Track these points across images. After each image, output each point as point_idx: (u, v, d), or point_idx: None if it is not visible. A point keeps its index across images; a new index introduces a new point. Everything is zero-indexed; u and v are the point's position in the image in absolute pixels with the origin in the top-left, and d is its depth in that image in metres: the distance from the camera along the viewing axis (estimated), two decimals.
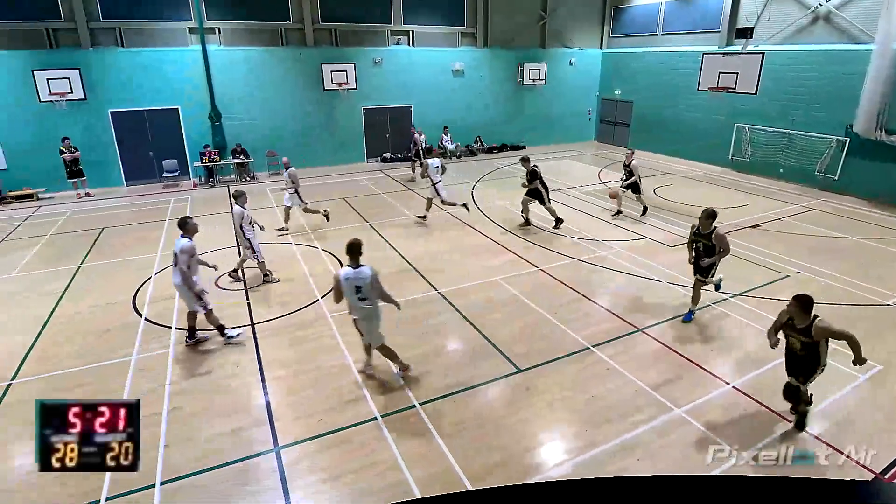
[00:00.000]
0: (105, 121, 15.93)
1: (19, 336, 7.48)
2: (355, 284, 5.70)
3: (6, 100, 14.80)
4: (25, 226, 12.87)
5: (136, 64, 15.90)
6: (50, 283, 9.30)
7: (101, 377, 6.45)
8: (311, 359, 6.77)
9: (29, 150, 15.22)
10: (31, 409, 4.85)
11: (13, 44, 14.83)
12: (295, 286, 8.93)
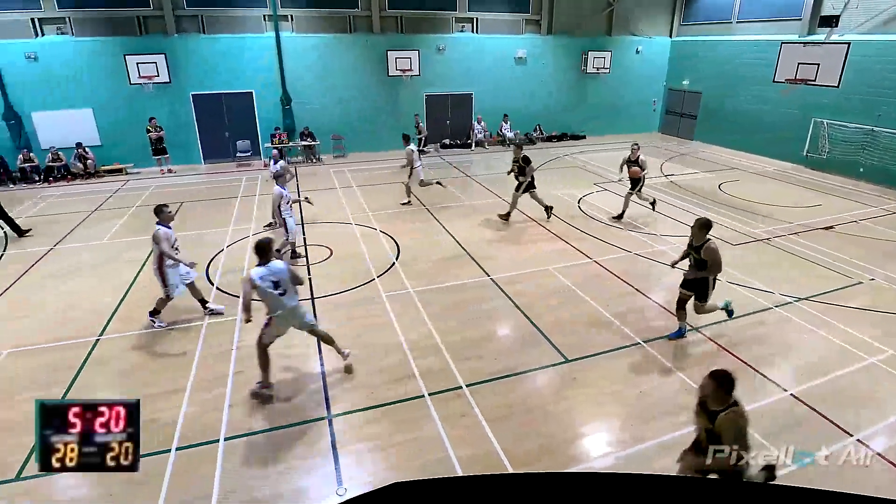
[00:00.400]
0: (187, 103, 16.83)
1: (108, 297, 8.14)
2: (272, 280, 5.39)
3: (102, 82, 15.92)
4: (115, 198, 13.89)
5: (215, 50, 16.65)
6: (134, 250, 10.01)
7: (175, 339, 6.92)
8: (365, 334, 6.96)
9: (120, 128, 16.34)
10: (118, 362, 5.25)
11: (108, 30, 15.88)
12: (353, 265, 9.18)
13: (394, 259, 9.38)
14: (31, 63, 15.43)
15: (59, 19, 15.63)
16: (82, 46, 15.72)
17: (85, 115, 16.11)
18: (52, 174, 15.71)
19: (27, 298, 8.21)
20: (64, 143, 15.89)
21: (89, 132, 16.24)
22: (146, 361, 6.49)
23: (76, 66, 15.74)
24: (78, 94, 15.90)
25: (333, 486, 4.62)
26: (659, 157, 18.09)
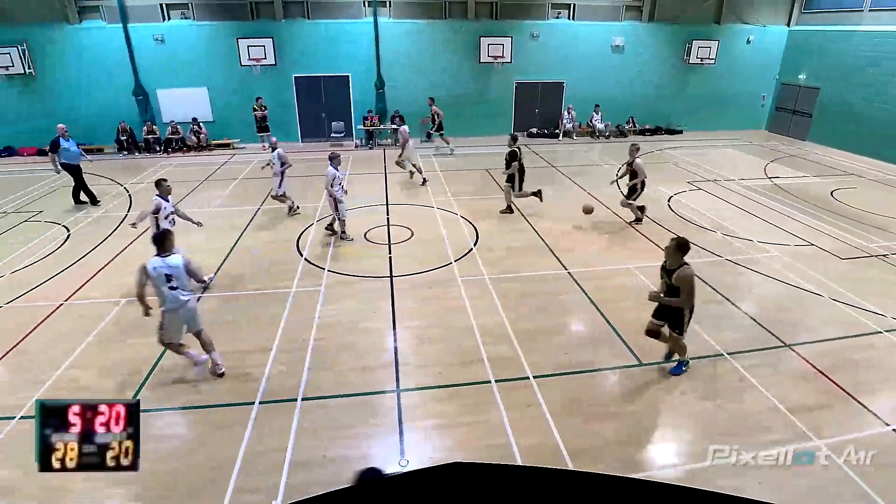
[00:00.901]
0: (289, 84, 17.79)
1: (213, 259, 8.91)
2: (165, 273, 5.36)
3: (217, 64, 17.23)
4: (223, 169, 15.07)
5: (317, 34, 17.41)
6: (237, 217, 10.86)
7: (265, 302, 7.45)
8: (439, 315, 7.10)
9: (230, 106, 17.64)
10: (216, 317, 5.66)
11: (224, 15, 17.12)
12: (433, 247, 9.35)
13: (472, 245, 9.44)
14: (158, 45, 17.01)
15: (183, 5, 17.05)
16: (201, 30, 17.08)
17: (201, 93, 17.54)
18: (170, 146, 17.32)
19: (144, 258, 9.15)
20: (182, 118, 17.45)
21: (204, 109, 17.68)
22: (240, 320, 7.05)
23: (196, 49, 17.14)
24: (196, 74, 17.34)
25: (397, 456, 4.80)
26: (764, 158, 16.65)
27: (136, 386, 5.75)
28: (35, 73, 17.00)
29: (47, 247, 9.59)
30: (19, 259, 9.10)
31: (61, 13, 16.72)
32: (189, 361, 5.89)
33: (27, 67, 16.75)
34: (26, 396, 5.56)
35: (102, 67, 17.04)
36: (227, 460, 4.74)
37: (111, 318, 7.16)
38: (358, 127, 18.26)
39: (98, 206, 11.80)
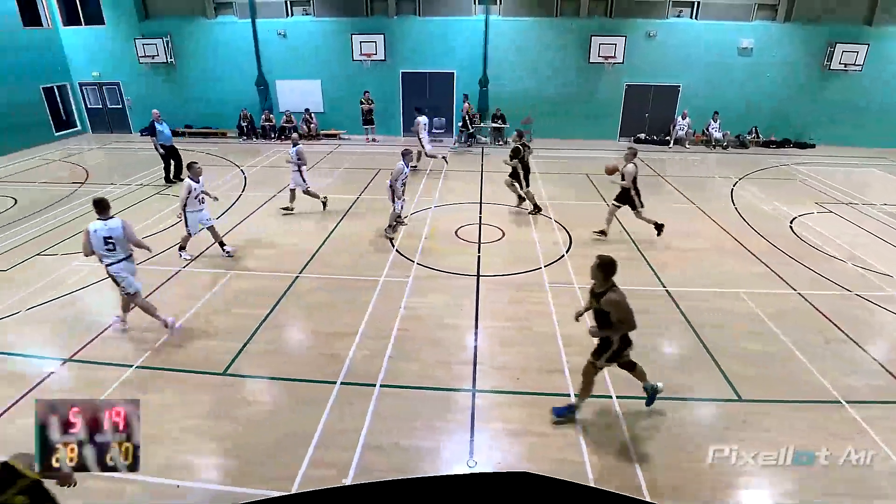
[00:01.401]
0: (396, 79, 18.46)
1: (312, 242, 9.50)
2: (104, 236, 6.04)
3: (331, 58, 18.32)
4: (328, 158, 16.00)
5: (426, 31, 17.88)
6: (338, 204, 11.50)
7: (355, 289, 7.81)
8: (523, 319, 7.03)
9: (340, 99, 18.68)
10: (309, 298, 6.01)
11: (341, 11, 18.14)
12: (522, 249, 9.26)
13: (564, 251, 9.23)
14: (280, 39, 18.43)
15: (305, 1, 18.31)
16: (320, 25, 18.23)
17: (315, 85, 18.75)
18: (283, 133, 18.70)
19: (250, 235, 9.99)
20: (296, 108, 18.77)
21: (316, 100, 18.89)
22: (331, 302, 7.46)
23: (313, 43, 18.35)
24: (311, 67, 18.56)
25: (465, 456, 4.83)
26: None
27: (233, 353, 6.29)
28: (175, 63, 19.14)
29: (171, 219, 10.75)
30: (150, 227, 10.31)
31: (201, 9, 18.65)
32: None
33: (169, 57, 18.92)
34: (144, 349, 6.31)
35: (231, 59, 18.82)
36: (305, 433, 5.04)
37: (219, 288, 7.88)
38: (458, 124, 18.52)
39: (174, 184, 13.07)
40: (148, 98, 19.79)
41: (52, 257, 9.16)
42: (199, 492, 4.47)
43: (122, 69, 19.61)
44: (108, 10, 18.96)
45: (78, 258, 8.95)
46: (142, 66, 19.24)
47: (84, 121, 20.62)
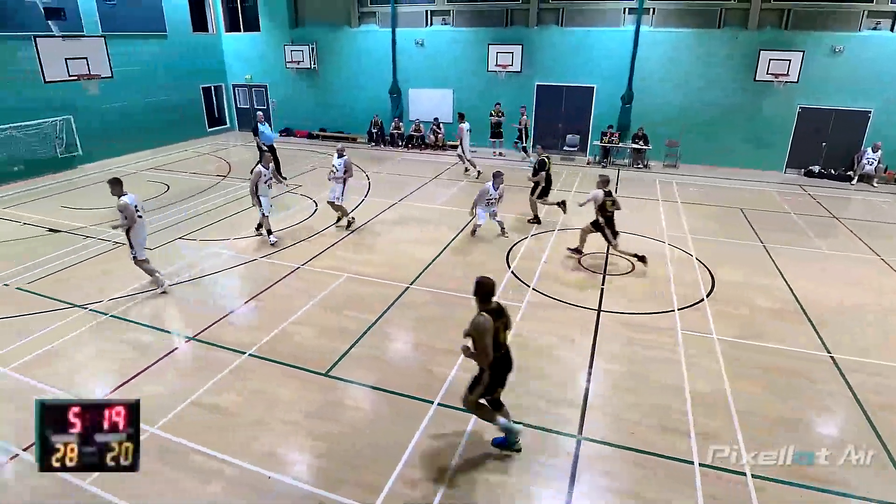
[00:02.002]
0: (530, 92, 18.60)
1: (427, 253, 9.87)
2: (135, 205, 7.87)
3: (466, 68, 19.01)
4: (452, 170, 16.51)
5: (567, 42, 17.83)
6: (456, 218, 11.79)
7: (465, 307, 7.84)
8: (644, 365, 6.62)
9: (470, 110, 19.19)
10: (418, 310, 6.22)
11: (479, 21, 18.80)
12: (654, 287, 8.76)
13: (704, 294, 8.55)
14: (418, 48, 19.54)
15: (445, 11, 19.25)
16: (457, 35, 19.03)
17: (445, 95, 19.54)
18: (411, 142, 19.72)
19: (367, 240, 10.61)
20: (425, 116, 19.71)
21: (445, 110, 19.67)
22: (439, 317, 7.64)
23: (449, 53, 19.19)
24: (445, 77, 19.41)
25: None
26: None
27: (338, 353, 6.69)
28: (318, 69, 21.15)
29: (297, 216, 11.79)
30: (285, 220, 11.45)
31: (346, 18, 20.46)
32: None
33: (313, 63, 20.97)
34: (257, 338, 6.96)
35: (369, 66, 20.34)
36: (397, 448, 5.19)
37: (332, 289, 8.46)
38: (594, 142, 18.12)
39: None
40: (290, 101, 22.13)
41: (192, 242, 10.54)
42: (287, 487, 4.79)
43: (271, 73, 22.12)
44: (264, 18, 21.59)
45: (213, 245, 10.18)
46: (288, 71, 21.53)
47: (233, 119, 23.51)
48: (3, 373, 6.38)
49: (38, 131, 15.61)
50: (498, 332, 4.76)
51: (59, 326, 7.44)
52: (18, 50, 14.83)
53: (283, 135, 22.43)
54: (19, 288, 8.65)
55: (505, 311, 4.89)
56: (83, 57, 14.52)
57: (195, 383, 6.17)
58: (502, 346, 4.89)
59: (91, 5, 17.01)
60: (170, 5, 19.87)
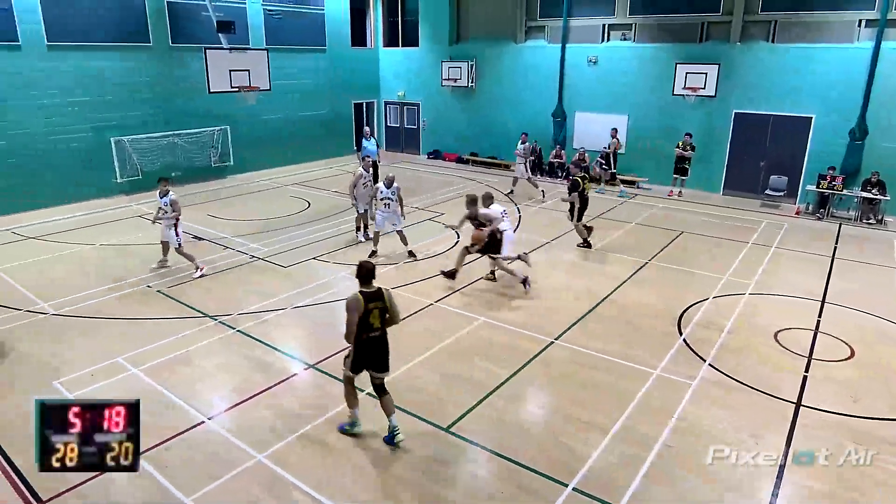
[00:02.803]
0: (726, 121, 17.56)
1: (580, 305, 9.63)
2: (160, 206, 10.37)
3: (645, 90, 18.58)
4: (620, 209, 16.07)
5: (778, 61, 16.61)
6: (617, 265, 11.42)
7: (619, 375, 7.51)
8: (861, 488, 5.68)
9: (646, 139, 18.68)
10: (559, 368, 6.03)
11: (667, 37, 18.37)
12: (882, 384, 7.58)
13: None
14: (589, 67, 19.56)
15: (626, 25, 19.10)
16: (638, 52, 18.74)
17: (619, 121, 19.17)
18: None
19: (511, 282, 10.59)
20: (591, 145, 19.44)
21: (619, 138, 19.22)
22: (586, 383, 7.34)
23: (626, 72, 18.93)
24: (619, 100, 19.13)
25: None
26: None
27: (463, 408, 6.69)
28: (474, 87, 22.11)
29: (436, 247, 12.21)
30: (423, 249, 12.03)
31: (512, 32, 21.23)
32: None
33: (470, 81, 22.00)
34: None
35: (532, 86, 20.83)
36: None
37: (465, 333, 8.55)
38: (808, 188, 16.47)
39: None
40: (442, 121, 23.40)
41: (326, 263, 11.45)
42: None
43: (425, 90, 23.63)
44: (424, 32, 23.29)
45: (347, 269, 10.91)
46: (443, 89, 22.81)
47: (381, 137, 25.34)
48: (135, 374, 7.42)
49: (196, 140, 18.24)
50: (370, 314, 5.80)
51: (190, 334, 8.49)
52: (191, 60, 17.59)
53: (431, 157, 23.67)
54: (160, 291, 10.06)
55: (385, 296, 5.88)
56: (246, 69, 16.68)
57: (309, 415, 6.57)
58: (375, 328, 5.89)
59: (259, 19, 19.69)
60: (332, 19, 22.29)
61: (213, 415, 6.62)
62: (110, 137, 16.58)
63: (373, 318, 5.85)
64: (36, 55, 15.08)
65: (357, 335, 5.79)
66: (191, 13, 17.94)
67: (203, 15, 17.62)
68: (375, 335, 5.92)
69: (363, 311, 5.73)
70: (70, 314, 9.14)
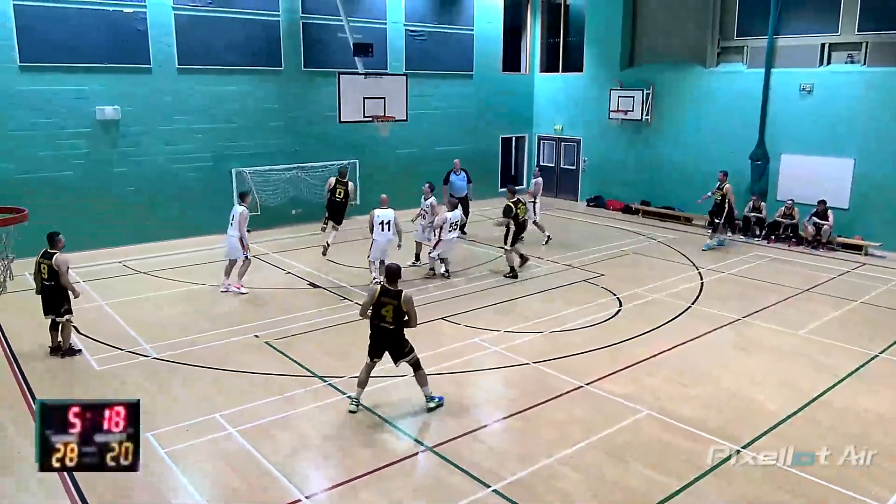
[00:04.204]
0: None
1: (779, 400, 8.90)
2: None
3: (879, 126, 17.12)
4: (838, 281, 14.75)
5: None
6: (833, 357, 10.39)
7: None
8: None
9: (878, 190, 17.11)
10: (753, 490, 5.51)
11: None
12: None
13: None
14: (803, 96, 18.42)
15: (853, 45, 17.84)
16: (871, 78, 17.35)
17: (842, 166, 17.78)
18: (775, 231, 18.30)
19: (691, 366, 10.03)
20: (803, 197, 18.14)
21: (839, 189, 17.81)
22: None
23: (853, 105, 17.55)
24: (841, 140, 17.74)
25: None
26: None
27: None
28: (650, 121, 21.68)
29: (593, 315, 11.86)
30: (566, 319, 11.81)
31: (700, 54, 20.70)
32: None
33: (646, 113, 21.63)
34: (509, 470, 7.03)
35: (725, 120, 20.04)
36: None
37: (624, 426, 8.11)
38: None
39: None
40: (607, 161, 23.18)
41: (456, 326, 11.51)
42: None
43: (587, 125, 23.63)
44: (590, 55, 23.45)
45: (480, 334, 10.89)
46: (610, 122, 22.61)
47: (531, 179, 25.43)
48: (231, 434, 7.81)
49: (322, 174, 19.33)
50: (382, 305, 7.93)
51: (295, 395, 8.84)
52: (323, 86, 18.94)
53: (591, 205, 23.37)
54: (268, 343, 10.61)
55: (401, 299, 7.85)
56: (381, 97, 17.61)
57: None
58: (386, 321, 7.95)
59: (400, 42, 20.86)
60: (483, 41, 23.10)
61: (310, 493, 6.74)
62: (231, 168, 18.17)
63: (385, 311, 7.93)
64: (166, 78, 17.04)
65: (371, 320, 8.08)
66: (327, 35, 19.45)
67: (339, 36, 18.97)
68: (387, 327, 7.99)
69: (374, 301, 7.96)
70: (172, 359, 9.89)
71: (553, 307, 12.59)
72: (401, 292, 7.90)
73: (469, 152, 22.73)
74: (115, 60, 16.22)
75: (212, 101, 17.86)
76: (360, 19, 19.67)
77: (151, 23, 16.56)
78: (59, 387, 9.05)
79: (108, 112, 16.03)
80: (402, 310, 7.86)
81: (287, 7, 18.76)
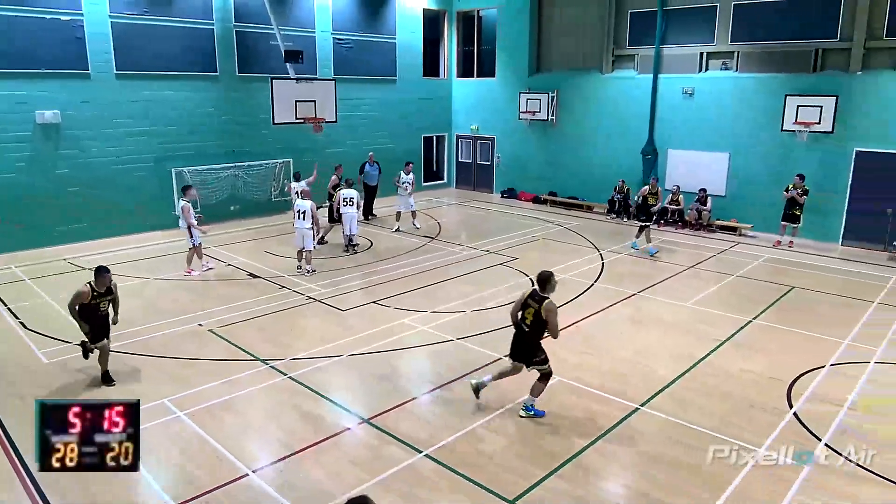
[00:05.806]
0: (845, 161, 16.74)
1: (670, 366, 9.24)
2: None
3: (750, 125, 18.06)
4: (716, 259, 15.48)
5: None
6: (715, 325, 10.89)
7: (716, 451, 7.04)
8: None
9: (751, 180, 18.06)
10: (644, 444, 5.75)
11: (774, 66, 17.90)
12: None
13: None
14: (685, 99, 19.22)
15: (727, 54, 18.73)
16: (740, 83, 18.30)
17: (718, 159, 18.69)
18: (664, 217, 19.06)
19: (592, 339, 10.35)
20: (687, 186, 18.97)
21: (717, 179, 18.74)
22: (675, 461, 6.92)
23: (727, 106, 18.47)
24: (718, 136, 18.67)
25: None
26: None
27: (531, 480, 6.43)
28: (555, 121, 22.16)
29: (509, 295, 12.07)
30: (484, 299, 11.94)
31: (597, 62, 21.27)
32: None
33: (551, 114, 22.08)
34: (438, 437, 7.08)
35: (619, 120, 20.66)
36: None
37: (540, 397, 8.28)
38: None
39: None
40: (518, 157, 23.52)
41: (387, 308, 11.52)
42: None
43: (500, 125, 23.91)
44: (501, 62, 23.73)
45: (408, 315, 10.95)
46: (520, 123, 22.97)
47: (451, 174, 25.69)
48: (180, 417, 7.64)
49: (257, 173, 19.01)
50: (527, 307, 7.49)
51: (238, 379, 8.67)
52: (257, 91, 18.49)
53: (505, 196, 23.71)
54: (211, 330, 10.36)
55: (542, 307, 7.28)
56: (312, 100, 17.39)
57: (358, 476, 6.52)
58: (527, 323, 7.48)
59: (328, 49, 20.56)
60: (404, 48, 23.02)
61: (256, 468, 6.65)
62: (171, 168, 17.51)
63: (527, 313, 7.48)
64: (105, 84, 16.23)
65: (513, 319, 7.70)
66: (259, 42, 18.95)
67: (271, 44, 18.56)
68: (523, 329, 7.53)
69: (522, 302, 7.56)
70: (121, 349, 9.50)
71: (473, 289, 12.71)
72: (545, 299, 7.28)
73: (395, 151, 22.79)
74: (54, 66, 15.34)
75: (151, 105, 17.11)
76: (290, 28, 19.25)
77: (89, 30, 15.72)
78: (6, 383, 8.57)
79: (47, 116, 15.12)
80: (541, 316, 7.27)
81: (220, 16, 18.12)
